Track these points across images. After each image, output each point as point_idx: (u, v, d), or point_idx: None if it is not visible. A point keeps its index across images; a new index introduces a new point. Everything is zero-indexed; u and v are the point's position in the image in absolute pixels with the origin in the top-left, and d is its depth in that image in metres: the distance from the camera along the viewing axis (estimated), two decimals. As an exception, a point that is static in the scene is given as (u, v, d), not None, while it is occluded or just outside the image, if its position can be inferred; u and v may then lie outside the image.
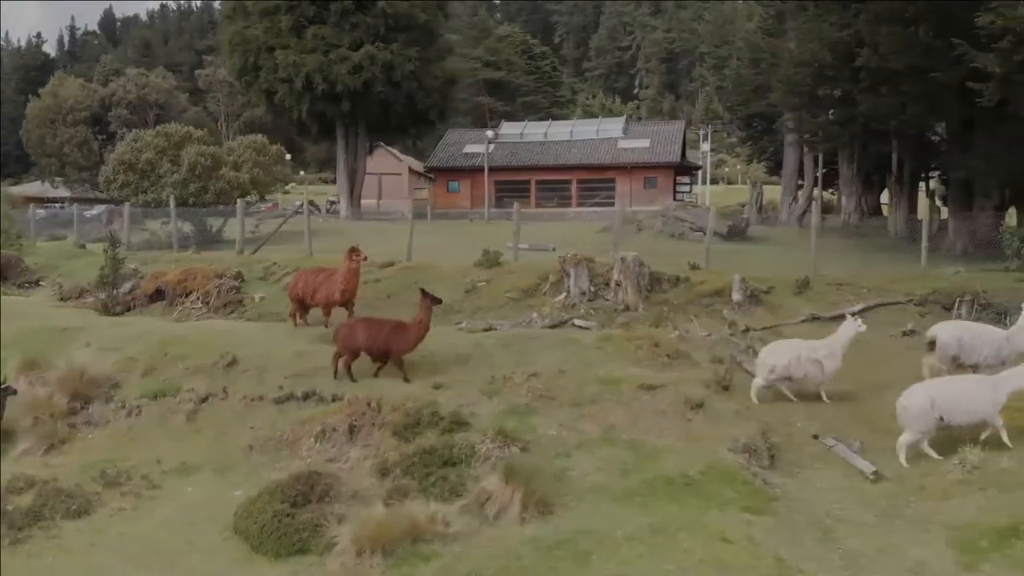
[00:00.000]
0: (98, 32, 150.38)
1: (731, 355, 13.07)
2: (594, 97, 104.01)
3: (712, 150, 63.90)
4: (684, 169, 41.17)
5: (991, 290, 14.98)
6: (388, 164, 52.52)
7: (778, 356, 10.31)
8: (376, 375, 10.93)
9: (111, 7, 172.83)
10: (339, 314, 13.26)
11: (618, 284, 15.91)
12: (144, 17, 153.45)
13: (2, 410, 10.09)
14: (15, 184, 63.40)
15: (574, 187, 39.74)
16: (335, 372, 10.79)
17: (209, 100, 55.92)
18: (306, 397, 10.50)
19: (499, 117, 59.20)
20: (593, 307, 15.91)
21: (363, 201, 43.46)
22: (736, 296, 15.69)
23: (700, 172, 55.95)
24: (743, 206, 26.85)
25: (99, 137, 48.95)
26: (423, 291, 11.29)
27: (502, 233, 26.44)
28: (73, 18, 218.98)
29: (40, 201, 51.80)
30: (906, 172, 23.02)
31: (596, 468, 8.63)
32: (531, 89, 72.40)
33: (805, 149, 28.45)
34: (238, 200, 19.20)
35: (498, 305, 16.04)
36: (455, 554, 7.25)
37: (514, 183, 39.90)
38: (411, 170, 53.10)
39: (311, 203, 57.76)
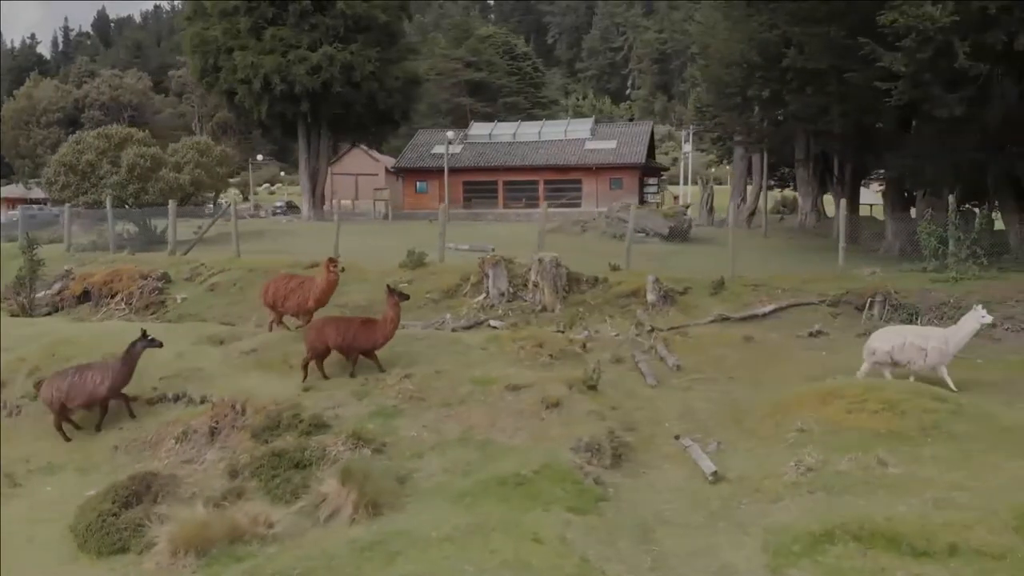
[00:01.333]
0: (91, 33, 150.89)
1: (632, 355, 13.24)
2: (584, 98, 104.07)
3: (702, 150, 63.76)
4: (651, 170, 41.11)
5: (903, 290, 14.98)
6: (365, 164, 52.50)
7: (882, 341, 10.55)
8: (352, 375, 10.80)
9: (104, 8, 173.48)
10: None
11: (535, 285, 15.95)
12: (137, 18, 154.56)
13: (134, 362, 10.41)
14: (7, 184, 63.43)
15: (541, 188, 39.67)
16: (304, 377, 10.61)
17: (183, 101, 56.04)
18: (176, 399, 10.50)
19: (480, 118, 59.10)
20: (512, 308, 15.94)
21: (340, 201, 43.28)
22: (650, 297, 15.77)
23: (684, 172, 55.70)
24: (687, 207, 26.77)
25: (73, 139, 48.86)
26: (389, 287, 11.38)
27: (451, 235, 26.42)
28: (67, 19, 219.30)
29: (23, 202, 51.90)
30: (847, 172, 23.01)
31: (443, 469, 8.60)
32: (512, 90, 72.18)
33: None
34: (170, 201, 19.17)
35: (418, 306, 16.02)
36: (269, 555, 7.21)
37: (482, 184, 39.89)
38: (388, 170, 53.09)
39: (290, 204, 58.39)
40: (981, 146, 15.60)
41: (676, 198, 42.87)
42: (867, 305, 14.69)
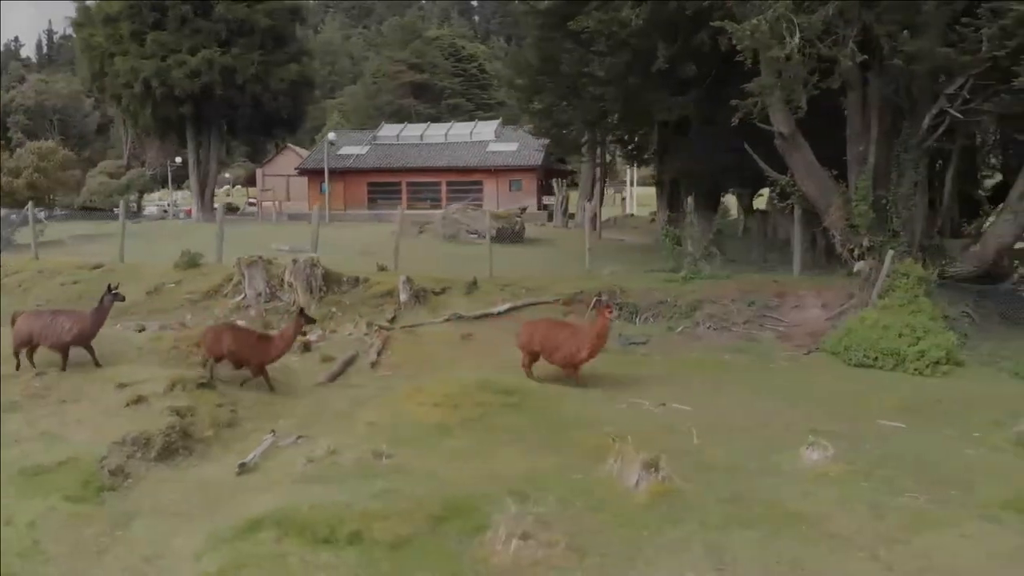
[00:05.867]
0: (73, 35, 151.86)
1: (355, 352, 13.79)
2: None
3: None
4: (557, 172, 41.37)
5: (630, 290, 15.33)
6: (295, 165, 52.97)
7: None
8: (243, 384, 11.19)
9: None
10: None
11: (290, 285, 16.33)
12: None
13: (104, 315, 11.13)
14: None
15: (443, 189, 40.11)
16: (204, 370, 11.10)
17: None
18: None
19: (423, 119, 59.53)
20: (269, 308, 16.33)
21: (265, 203, 43.84)
22: (402, 296, 16.17)
23: (630, 175, 56.01)
24: (523, 210, 27.14)
25: (-3, 144, 49.34)
26: (300, 310, 11.90)
27: (297, 235, 26.80)
28: (50, 22, 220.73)
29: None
30: (666, 176, 23.27)
31: (7, 461, 8.98)
32: (456, 92, 72.56)
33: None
34: (-19, 204, 19.68)
35: (175, 307, 16.41)
36: None
37: (386, 185, 40.31)
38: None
39: (228, 205, 58.90)
40: (729, 149, 15.89)
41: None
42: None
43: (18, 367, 10.91)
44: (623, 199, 63.48)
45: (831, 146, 14.75)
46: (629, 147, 22.45)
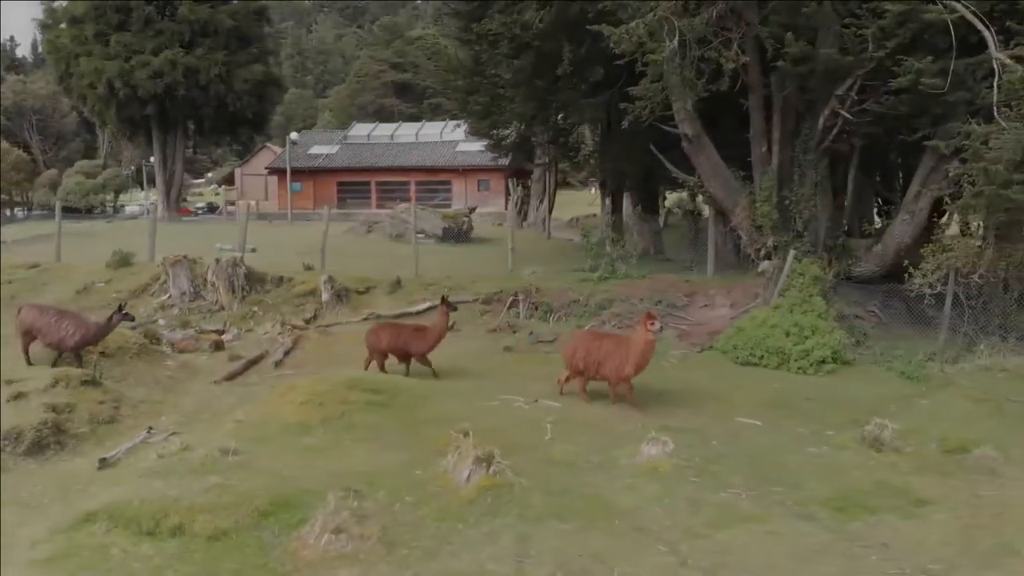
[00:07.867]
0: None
1: (263, 351, 14.00)
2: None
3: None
4: (524, 173, 41.52)
5: (546, 289, 15.55)
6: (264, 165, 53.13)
7: None
8: (407, 374, 11.77)
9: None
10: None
11: (213, 285, 16.57)
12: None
13: (108, 331, 11.39)
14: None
15: (412, 189, 40.36)
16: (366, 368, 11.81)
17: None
18: None
19: (406, 118, 59.82)
20: (193, 307, 16.57)
21: (238, 202, 43.94)
22: (324, 296, 16.41)
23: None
24: (472, 210, 27.39)
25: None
26: (444, 299, 12.22)
27: (252, 234, 27.01)
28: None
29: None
30: (607, 177, 23.41)
31: None
32: (438, 91, 72.26)
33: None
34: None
35: (102, 305, 16.62)
36: None
37: (355, 184, 40.55)
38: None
39: (210, 204, 59.10)
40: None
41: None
42: (509, 303, 15.25)
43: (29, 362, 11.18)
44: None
45: (743, 146, 14.91)
46: (565, 147, 22.63)
